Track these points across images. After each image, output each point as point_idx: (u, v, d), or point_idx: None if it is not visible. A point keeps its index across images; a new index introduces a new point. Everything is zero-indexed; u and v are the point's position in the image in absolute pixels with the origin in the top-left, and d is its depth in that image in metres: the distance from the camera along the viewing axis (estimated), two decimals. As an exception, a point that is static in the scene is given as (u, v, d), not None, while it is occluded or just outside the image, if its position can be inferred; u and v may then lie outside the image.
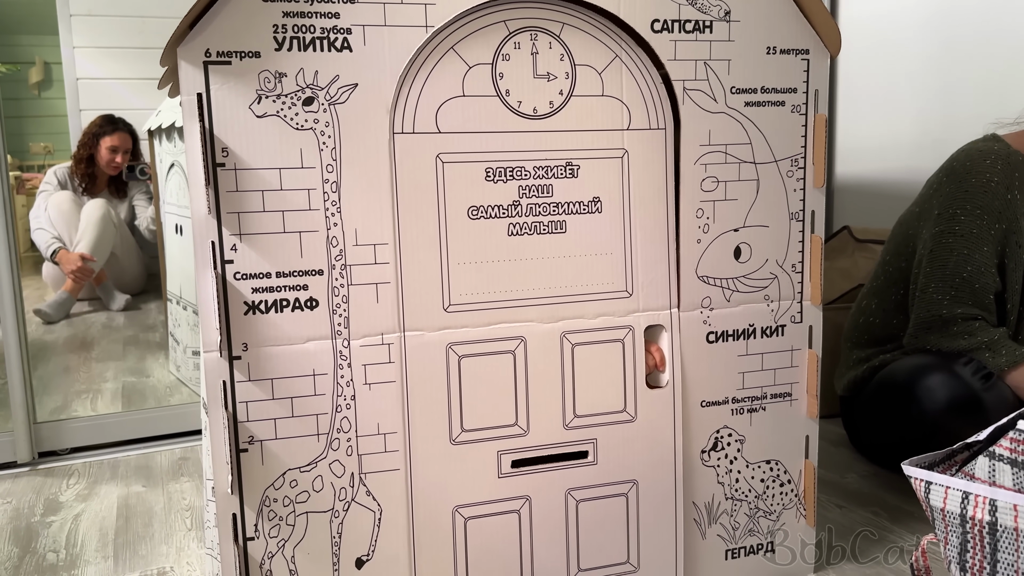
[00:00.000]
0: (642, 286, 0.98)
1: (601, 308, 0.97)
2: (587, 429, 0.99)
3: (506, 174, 0.93)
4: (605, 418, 0.99)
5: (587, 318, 0.97)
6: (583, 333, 0.97)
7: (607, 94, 0.95)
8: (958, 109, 1.87)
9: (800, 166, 1.02)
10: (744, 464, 1.06)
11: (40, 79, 4.53)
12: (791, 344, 1.05)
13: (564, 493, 0.98)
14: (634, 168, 0.97)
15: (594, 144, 0.95)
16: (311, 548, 0.91)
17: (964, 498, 0.84)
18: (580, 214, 0.96)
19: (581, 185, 0.95)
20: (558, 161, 0.94)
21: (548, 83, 0.93)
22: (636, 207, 0.97)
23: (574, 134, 0.94)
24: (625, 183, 0.97)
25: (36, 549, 1.28)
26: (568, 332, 0.97)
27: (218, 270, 0.85)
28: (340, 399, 0.90)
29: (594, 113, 0.95)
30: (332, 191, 0.87)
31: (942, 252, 1.33)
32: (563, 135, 0.94)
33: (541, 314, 0.96)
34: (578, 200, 0.96)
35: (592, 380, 0.98)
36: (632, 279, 0.98)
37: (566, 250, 0.96)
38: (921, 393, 1.29)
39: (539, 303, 0.96)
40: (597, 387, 0.98)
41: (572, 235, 0.96)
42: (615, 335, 0.98)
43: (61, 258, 2.76)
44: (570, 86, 0.93)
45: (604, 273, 0.97)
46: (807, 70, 1.01)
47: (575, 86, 0.94)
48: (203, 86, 0.83)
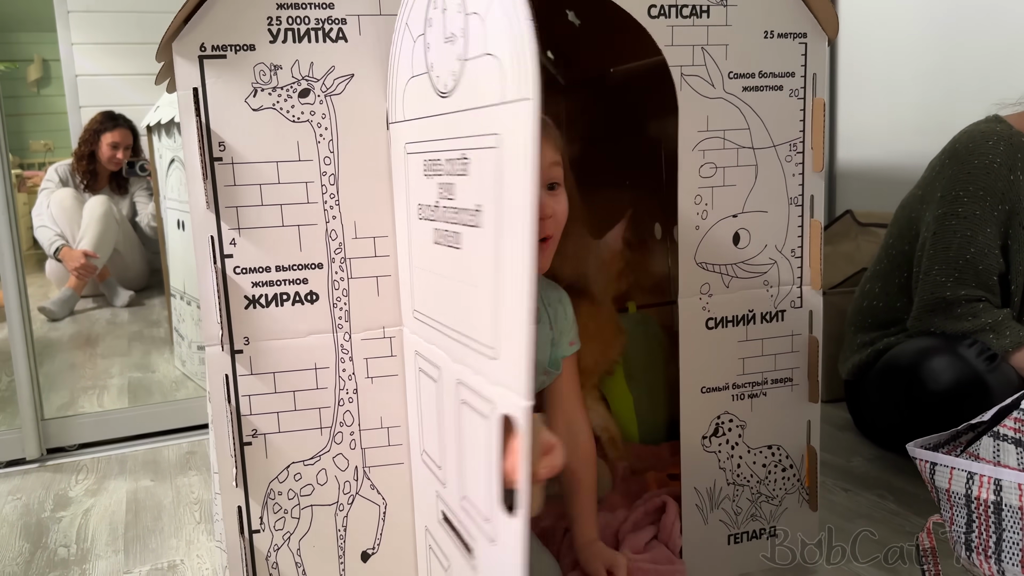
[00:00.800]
0: (506, 347, 0.61)
1: (480, 364, 0.66)
2: (471, 523, 0.70)
3: (432, 168, 0.74)
4: (480, 524, 0.68)
5: (472, 371, 0.68)
6: (468, 391, 0.69)
7: (488, 51, 0.61)
8: (960, 91, 1.86)
9: (799, 151, 1.02)
10: (745, 449, 1.06)
11: (39, 76, 4.53)
12: (791, 329, 1.05)
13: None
14: (508, 161, 0.59)
15: (474, 128, 0.65)
16: (317, 541, 0.91)
17: (969, 478, 0.84)
18: (468, 226, 0.67)
19: (468, 186, 0.67)
20: (455, 152, 0.69)
21: (452, 47, 0.67)
22: (508, 223, 0.59)
23: (464, 115, 0.67)
24: (498, 184, 0.61)
25: (47, 544, 1.29)
26: (461, 382, 0.71)
27: (218, 264, 0.85)
28: (342, 393, 0.90)
29: (478, 82, 0.64)
30: (330, 184, 0.87)
31: (945, 234, 1.32)
32: (457, 117, 0.68)
33: (449, 348, 0.73)
34: (465, 207, 0.67)
35: (472, 461, 0.69)
36: (497, 332, 0.62)
37: (461, 273, 0.69)
38: (926, 375, 1.29)
39: (447, 333, 0.74)
40: (476, 475, 0.69)
41: (465, 254, 0.68)
42: (485, 409, 0.65)
43: (64, 255, 2.77)
44: (464, 47, 0.66)
45: (479, 314, 0.66)
46: (805, 54, 1.00)
47: (468, 44, 0.65)
48: (199, 80, 0.83)
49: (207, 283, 0.85)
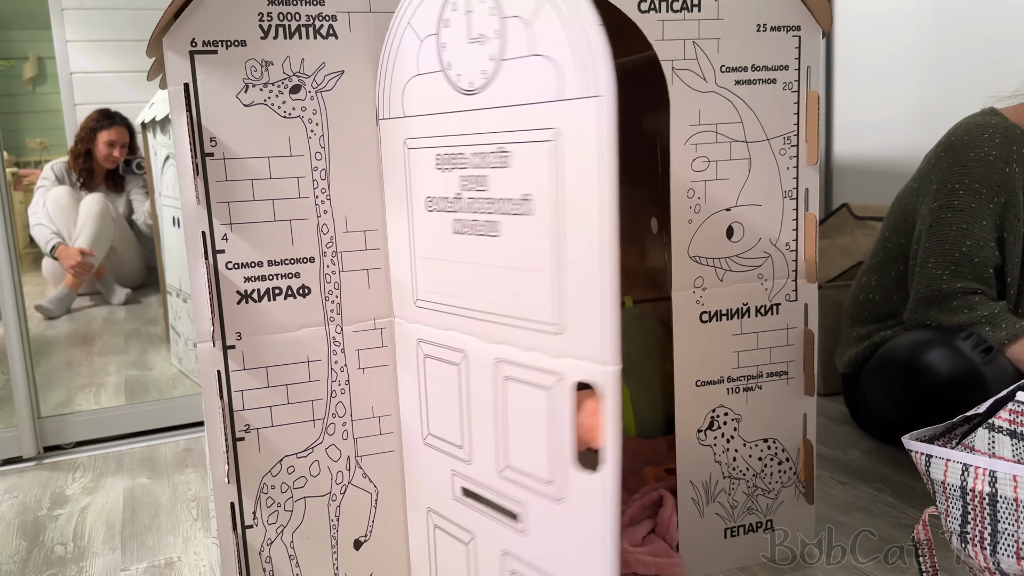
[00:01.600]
0: (574, 323, 0.68)
1: (532, 340, 0.72)
2: (517, 488, 0.76)
3: (450, 162, 0.79)
4: (532, 483, 0.74)
5: (520, 348, 0.73)
6: (514, 367, 0.74)
7: (537, 52, 0.68)
8: (956, 83, 1.85)
9: (793, 144, 1.02)
10: (741, 443, 1.06)
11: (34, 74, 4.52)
12: (786, 323, 1.05)
13: (500, 553, 0.80)
14: (569, 154, 0.66)
15: (522, 123, 0.70)
16: (310, 532, 0.92)
17: (964, 470, 0.84)
18: (511, 215, 0.73)
19: (511, 177, 0.72)
20: (491, 147, 0.74)
21: (481, 48, 0.73)
22: (571, 209, 0.67)
23: (504, 111, 0.72)
24: (557, 175, 0.68)
25: (44, 542, 1.29)
26: (501, 361, 0.76)
27: (209, 260, 0.85)
28: (335, 384, 0.90)
29: (522, 81, 0.69)
30: (321, 179, 0.87)
31: (941, 227, 1.32)
32: (493, 113, 0.73)
33: (481, 330, 0.78)
34: (508, 197, 0.73)
35: (521, 430, 0.75)
36: (563, 311, 0.69)
37: (500, 258, 0.74)
38: (922, 368, 1.29)
39: (480, 317, 0.78)
40: (526, 441, 0.74)
41: (505, 241, 0.73)
42: (544, 381, 0.71)
43: (60, 253, 2.77)
44: (500, 47, 0.71)
45: (534, 296, 0.71)
46: (798, 47, 1.00)
47: (506, 46, 0.71)
48: (190, 76, 0.83)
49: (199, 279, 0.85)
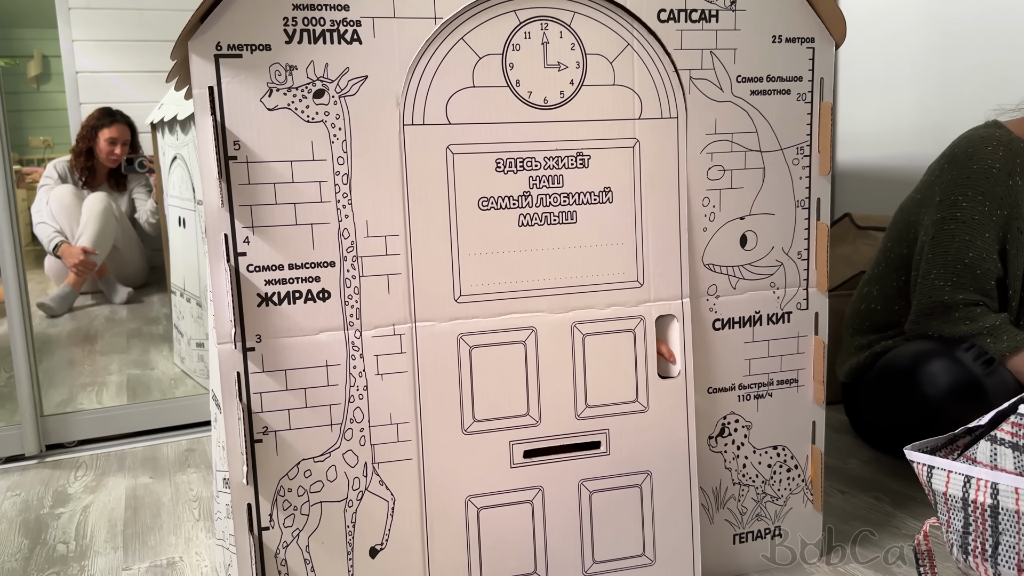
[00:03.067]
0: (653, 276, 0.98)
1: (612, 298, 0.98)
2: (599, 419, 0.99)
3: (516, 165, 0.93)
4: (617, 408, 0.99)
5: (598, 308, 0.97)
6: (594, 323, 0.97)
7: (618, 83, 0.95)
8: (958, 95, 1.87)
9: (806, 154, 1.03)
10: (751, 450, 1.07)
11: (39, 73, 4.50)
12: (797, 331, 1.06)
13: (577, 484, 0.99)
14: (645, 157, 0.97)
15: (605, 134, 0.95)
16: (325, 538, 0.92)
17: (966, 482, 0.85)
18: (591, 204, 0.96)
19: (592, 175, 0.95)
20: (569, 151, 0.94)
21: (559, 73, 0.93)
22: (648, 197, 0.97)
23: (585, 124, 0.94)
24: (636, 173, 0.97)
25: (46, 540, 1.29)
26: (579, 322, 0.97)
27: (231, 262, 0.85)
28: (353, 389, 0.91)
29: (605, 103, 0.95)
30: (343, 183, 0.88)
31: (944, 238, 1.33)
32: (574, 125, 0.94)
33: (552, 304, 0.96)
34: (589, 190, 0.96)
35: (603, 370, 0.98)
36: (643, 269, 0.98)
37: (577, 240, 0.96)
38: (923, 378, 1.30)
39: (550, 293, 0.96)
40: (608, 377, 0.98)
41: (583, 225, 0.96)
42: (626, 325, 0.98)
43: (63, 252, 2.75)
44: (581, 75, 0.93)
45: (615, 263, 0.97)
46: (812, 58, 1.01)
47: (586, 75, 0.94)
48: (215, 79, 0.83)
49: (220, 281, 0.86)
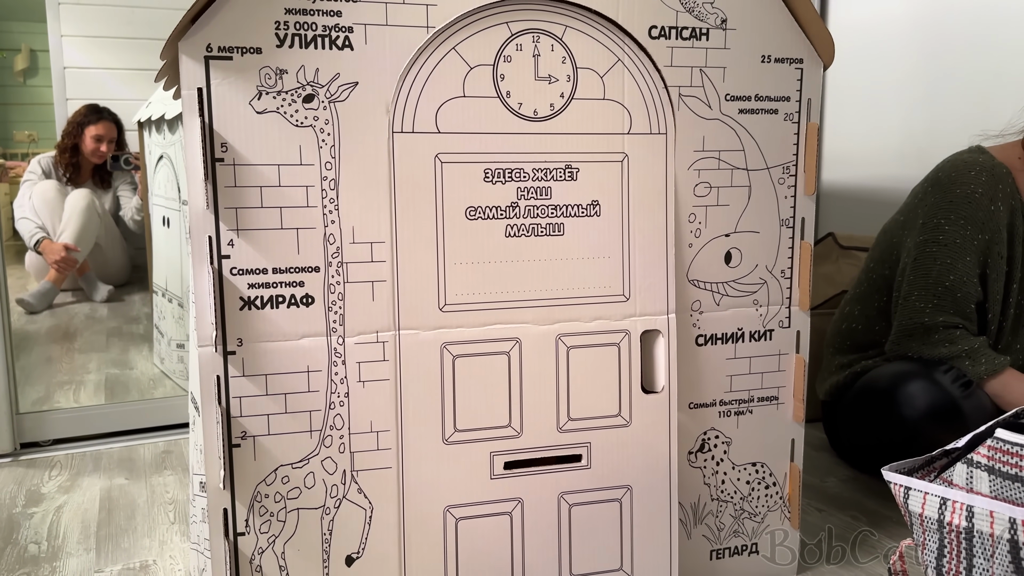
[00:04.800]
0: (639, 290, 0.98)
1: (597, 311, 0.98)
2: (581, 432, 0.99)
3: (505, 175, 0.93)
4: (600, 422, 0.99)
5: (583, 321, 0.97)
6: (579, 336, 0.97)
7: (608, 97, 0.95)
8: (943, 119, 1.89)
9: (791, 173, 1.04)
10: (730, 466, 1.07)
11: (25, 67, 4.46)
12: (778, 348, 1.07)
13: (557, 496, 0.99)
14: (634, 172, 0.97)
15: (594, 147, 0.96)
16: (301, 545, 0.91)
17: (942, 504, 0.85)
18: (579, 217, 0.96)
19: (580, 188, 0.96)
20: (557, 164, 0.95)
21: (549, 85, 0.93)
22: (635, 211, 0.98)
23: (574, 137, 0.95)
24: (624, 187, 0.97)
25: (17, 540, 1.27)
26: (563, 335, 0.97)
27: (215, 265, 0.85)
28: (334, 396, 0.90)
29: (595, 116, 0.95)
30: (330, 188, 0.88)
31: (926, 260, 1.35)
32: (563, 138, 0.95)
33: (537, 316, 0.96)
34: (576, 203, 0.96)
35: (587, 383, 0.98)
36: (630, 283, 0.98)
37: (563, 252, 0.96)
38: (902, 399, 1.31)
39: (535, 305, 0.96)
40: (592, 391, 0.98)
41: (570, 238, 0.96)
42: (611, 339, 0.98)
43: (44, 248, 2.73)
44: (571, 89, 0.94)
45: (601, 276, 0.97)
46: (800, 79, 1.02)
47: (576, 89, 0.94)
48: (204, 81, 0.83)
49: (202, 283, 0.85)
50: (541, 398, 0.97)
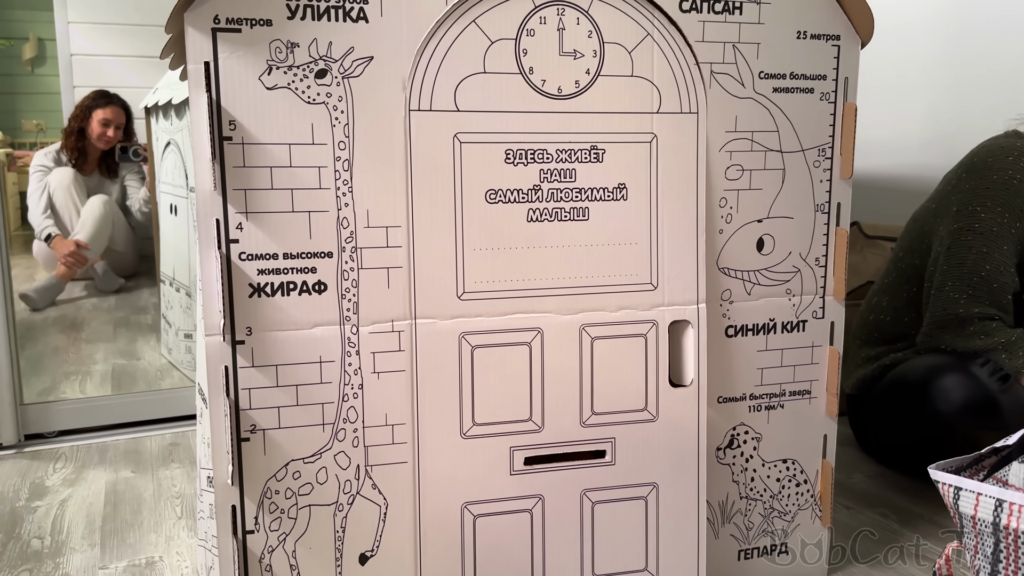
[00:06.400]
0: (668, 279, 0.93)
1: (624, 301, 0.93)
2: (605, 427, 0.94)
3: (527, 156, 0.88)
4: (625, 416, 0.94)
5: (608, 311, 0.92)
6: (604, 327, 0.92)
7: (637, 74, 0.90)
8: (970, 105, 1.84)
9: (827, 156, 0.99)
10: (760, 463, 1.02)
11: (33, 55, 4.44)
12: (812, 340, 1.02)
13: (579, 494, 0.94)
14: (663, 154, 0.92)
15: (621, 127, 0.90)
16: (313, 542, 0.87)
17: (998, 506, 0.81)
18: (604, 201, 0.91)
19: (606, 170, 0.91)
20: (582, 144, 0.90)
21: (575, 61, 0.88)
22: (664, 195, 0.92)
23: (600, 116, 0.89)
24: (653, 169, 0.92)
25: (20, 535, 1.24)
26: (588, 325, 0.92)
27: (223, 249, 0.81)
28: (347, 388, 0.86)
29: (622, 94, 0.90)
30: (344, 169, 0.83)
31: (960, 249, 1.30)
32: (589, 117, 0.89)
33: (560, 305, 0.91)
34: (602, 186, 0.91)
35: (612, 376, 0.93)
36: (657, 271, 0.93)
37: (588, 238, 0.91)
38: (936, 393, 1.27)
39: (558, 293, 0.91)
40: (617, 384, 0.93)
41: (595, 223, 0.91)
42: (637, 330, 0.93)
43: (56, 244, 2.70)
44: (598, 65, 0.89)
45: (628, 264, 0.92)
46: (837, 56, 0.97)
47: (603, 65, 0.89)
48: (211, 54, 0.78)
49: (210, 268, 0.81)
50: (563, 391, 0.92)
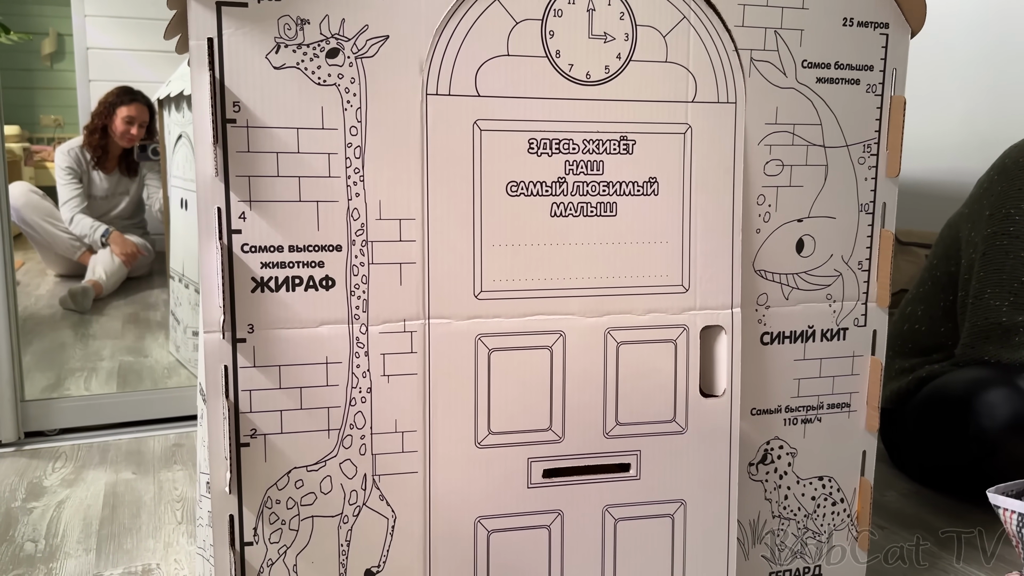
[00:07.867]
0: (700, 281, 0.87)
1: (652, 304, 0.86)
2: (630, 439, 0.88)
3: (552, 147, 0.82)
4: (651, 428, 0.88)
5: (636, 314, 0.86)
6: (630, 331, 0.86)
7: (671, 60, 0.83)
8: (1008, 109, 1.78)
9: (873, 152, 0.92)
10: (795, 480, 0.96)
11: (52, 51, 4.46)
12: (853, 350, 0.95)
13: (602, 510, 0.88)
14: (697, 146, 0.85)
15: (653, 117, 0.84)
16: (316, 556, 0.81)
17: (1063, 533, 0.74)
18: (633, 196, 0.84)
19: (636, 163, 0.84)
20: (611, 135, 0.83)
21: (604, 45, 0.82)
22: (698, 190, 0.86)
23: (631, 104, 0.83)
24: (686, 163, 0.85)
25: (13, 538, 1.19)
26: (613, 328, 0.86)
27: (224, 240, 0.75)
28: (355, 391, 0.80)
29: (655, 81, 0.83)
30: (355, 157, 0.78)
31: (996, 255, 1.24)
32: (619, 105, 0.83)
33: (584, 307, 0.85)
34: (632, 180, 0.84)
35: (638, 384, 0.87)
36: (689, 272, 0.86)
37: (615, 236, 0.85)
38: (979, 408, 1.20)
39: (582, 294, 0.85)
40: (644, 392, 0.87)
41: (623, 219, 0.85)
42: (667, 335, 0.87)
43: (113, 239, 2.72)
44: (629, 49, 0.82)
45: (657, 264, 0.86)
46: (885, 46, 0.91)
47: (635, 49, 0.82)
48: (215, 30, 0.73)
49: (210, 261, 0.75)
50: (586, 399, 0.86)
